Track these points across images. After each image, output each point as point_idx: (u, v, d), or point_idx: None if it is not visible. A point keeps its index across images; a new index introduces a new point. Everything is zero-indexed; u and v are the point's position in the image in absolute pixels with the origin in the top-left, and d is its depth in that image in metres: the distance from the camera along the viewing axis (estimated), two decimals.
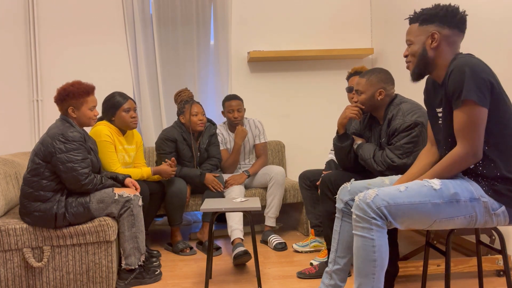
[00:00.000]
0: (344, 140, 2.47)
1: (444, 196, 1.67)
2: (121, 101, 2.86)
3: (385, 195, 1.68)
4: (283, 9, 4.14)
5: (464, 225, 1.72)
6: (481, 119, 1.65)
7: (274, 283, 2.51)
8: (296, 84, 4.19)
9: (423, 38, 1.80)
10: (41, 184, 2.35)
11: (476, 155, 1.68)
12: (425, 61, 1.81)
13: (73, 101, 2.44)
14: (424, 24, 1.80)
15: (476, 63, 1.65)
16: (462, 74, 1.64)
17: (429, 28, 1.79)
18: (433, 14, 1.77)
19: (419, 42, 1.81)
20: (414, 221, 1.69)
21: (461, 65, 1.66)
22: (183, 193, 3.07)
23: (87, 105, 2.47)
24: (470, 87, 1.62)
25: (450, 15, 1.75)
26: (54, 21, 3.82)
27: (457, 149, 1.70)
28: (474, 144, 1.66)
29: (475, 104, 1.63)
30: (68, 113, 2.46)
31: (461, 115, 1.66)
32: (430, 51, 1.80)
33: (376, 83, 2.32)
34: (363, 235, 1.69)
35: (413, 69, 1.86)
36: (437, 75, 1.84)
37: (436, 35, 1.77)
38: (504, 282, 2.43)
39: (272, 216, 3.31)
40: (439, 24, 1.77)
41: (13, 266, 2.37)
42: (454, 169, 1.71)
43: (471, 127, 1.65)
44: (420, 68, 1.84)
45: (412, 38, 1.84)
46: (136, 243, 2.48)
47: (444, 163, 1.72)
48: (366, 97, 2.34)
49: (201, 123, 3.24)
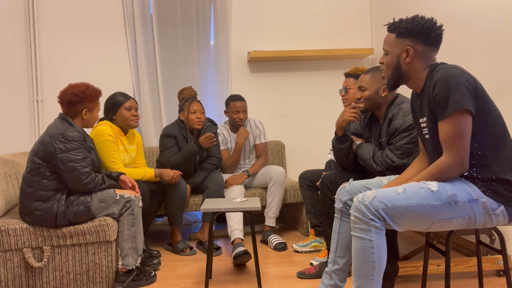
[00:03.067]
0: (343, 142, 2.46)
1: (442, 198, 1.67)
2: (122, 100, 2.89)
3: (383, 197, 1.69)
4: (283, 9, 4.14)
5: (464, 226, 1.72)
6: (467, 129, 1.67)
7: (274, 283, 2.51)
8: (296, 84, 4.19)
9: (398, 51, 1.83)
10: (42, 183, 2.35)
11: (463, 165, 1.69)
12: (399, 73, 1.86)
13: (89, 104, 2.49)
14: (400, 37, 1.82)
15: (458, 73, 1.67)
16: (447, 85, 1.66)
17: (404, 42, 1.81)
18: (409, 29, 1.79)
19: (394, 54, 1.84)
20: (412, 223, 1.70)
21: (445, 77, 1.68)
22: (183, 193, 3.07)
23: (97, 108, 2.56)
24: (456, 98, 1.64)
25: (425, 32, 1.77)
26: (54, 21, 3.82)
27: (443, 158, 1.70)
28: (461, 154, 1.67)
29: (462, 114, 1.65)
30: (80, 115, 2.49)
31: (447, 126, 1.68)
32: (404, 65, 1.83)
33: (380, 80, 2.32)
34: (361, 236, 1.69)
35: (388, 80, 1.91)
36: (413, 85, 1.87)
37: (410, 51, 1.79)
38: (504, 282, 2.44)
39: (272, 216, 3.31)
40: (414, 40, 1.79)
41: (13, 266, 2.37)
42: (440, 178, 1.72)
43: (457, 137, 1.66)
44: (394, 79, 1.88)
45: (388, 48, 1.87)
46: (134, 243, 2.48)
47: (431, 171, 1.73)
48: (370, 93, 2.34)
49: (198, 121, 3.24)
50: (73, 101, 2.45)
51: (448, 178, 1.72)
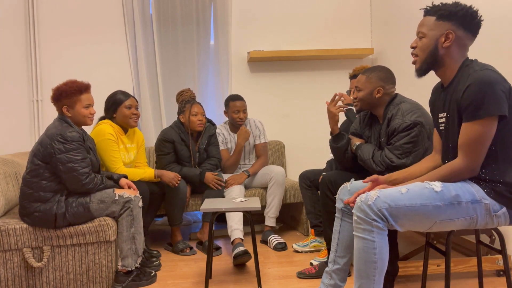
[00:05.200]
0: (339, 140, 2.47)
1: (445, 199, 1.66)
2: (122, 98, 2.90)
3: (386, 197, 1.67)
4: (283, 9, 4.14)
5: (465, 227, 1.72)
6: (491, 135, 1.64)
7: (274, 283, 2.51)
8: (296, 84, 4.19)
9: (437, 34, 1.75)
10: (41, 185, 2.35)
11: (474, 170, 1.68)
12: (434, 58, 1.77)
13: (66, 100, 2.42)
14: (441, 20, 1.74)
15: (496, 77, 1.63)
16: (483, 89, 1.61)
17: (446, 25, 1.74)
18: (453, 12, 1.72)
19: (433, 37, 1.76)
20: (414, 223, 1.69)
21: (481, 81, 1.62)
22: (183, 193, 3.07)
23: (81, 104, 2.44)
24: (493, 103, 1.60)
25: (469, 18, 1.72)
26: (54, 21, 3.82)
27: (458, 162, 1.69)
28: (476, 160, 1.66)
29: (493, 120, 1.62)
30: (64, 113, 2.44)
31: (476, 129, 1.64)
32: (441, 49, 1.76)
33: (374, 82, 2.33)
34: (364, 236, 1.68)
35: (420, 64, 1.81)
36: (443, 74, 1.81)
37: (451, 35, 1.73)
38: (504, 282, 2.43)
39: (272, 216, 3.31)
40: (455, 24, 1.73)
41: (13, 266, 2.37)
42: (450, 180, 1.71)
43: (478, 143, 1.64)
44: (428, 64, 1.80)
45: (425, 31, 1.78)
46: (133, 244, 2.47)
47: (442, 173, 1.72)
48: (364, 94, 2.35)
49: (200, 124, 3.23)
50: (53, 99, 2.44)
51: (457, 181, 1.71)
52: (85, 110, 2.46)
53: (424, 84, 3.32)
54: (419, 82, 3.36)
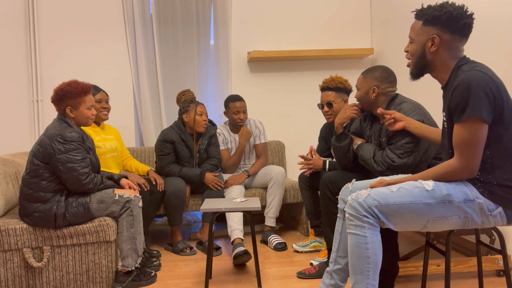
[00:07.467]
0: (343, 140, 2.47)
1: (436, 197, 1.67)
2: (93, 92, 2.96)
3: (376, 195, 1.70)
4: (283, 9, 4.14)
5: (460, 226, 1.72)
6: (481, 137, 1.63)
7: (274, 283, 2.51)
8: (296, 84, 4.19)
9: (423, 39, 1.77)
10: (41, 185, 2.35)
11: (472, 172, 1.67)
12: (423, 63, 1.80)
13: (71, 101, 2.41)
14: (427, 25, 1.76)
15: (481, 78, 1.61)
16: (467, 90, 1.61)
17: (431, 30, 1.75)
18: (436, 16, 1.73)
19: (419, 42, 1.79)
20: (407, 221, 1.70)
21: (466, 81, 1.62)
22: (183, 193, 3.07)
23: (85, 105, 2.45)
24: (474, 104, 1.60)
25: (453, 20, 1.71)
26: (54, 21, 3.82)
27: (453, 162, 1.69)
28: (471, 161, 1.65)
29: (477, 121, 1.61)
30: (66, 113, 2.44)
31: (463, 131, 1.64)
32: (429, 54, 1.77)
33: (370, 81, 2.33)
34: (356, 232, 1.71)
35: (412, 69, 1.86)
36: (438, 77, 1.82)
37: (436, 40, 1.74)
38: (504, 282, 2.43)
39: (272, 216, 3.31)
40: (440, 28, 1.73)
41: (13, 266, 2.37)
42: (446, 179, 1.71)
43: (469, 144, 1.63)
44: (418, 69, 1.83)
45: (413, 36, 1.81)
46: (133, 244, 2.47)
47: (439, 171, 1.72)
48: (360, 94, 2.37)
49: (204, 124, 3.25)
50: (55, 100, 2.42)
51: (455, 181, 1.71)
52: (88, 111, 2.47)
53: (424, 84, 3.33)
54: (419, 82, 3.36)
